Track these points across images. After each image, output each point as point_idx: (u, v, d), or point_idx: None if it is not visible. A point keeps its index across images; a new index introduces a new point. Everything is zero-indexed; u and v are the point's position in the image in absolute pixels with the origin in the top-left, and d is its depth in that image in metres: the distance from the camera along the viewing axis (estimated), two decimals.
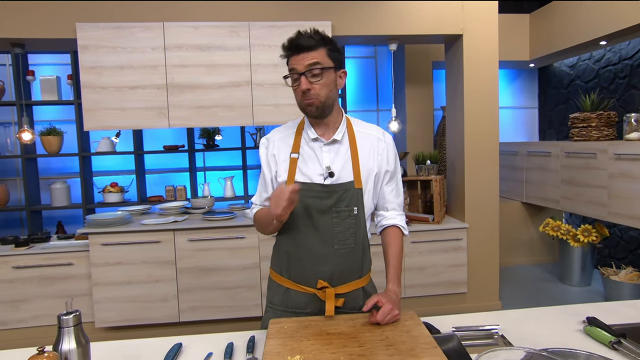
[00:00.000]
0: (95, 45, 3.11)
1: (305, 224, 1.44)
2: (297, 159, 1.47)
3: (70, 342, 1.01)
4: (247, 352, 1.25)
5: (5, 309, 3.20)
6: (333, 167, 1.44)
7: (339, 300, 1.44)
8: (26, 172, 4.05)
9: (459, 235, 3.47)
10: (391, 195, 1.55)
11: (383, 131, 1.55)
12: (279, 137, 1.53)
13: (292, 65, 1.37)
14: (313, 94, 1.37)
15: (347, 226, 1.43)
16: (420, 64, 4.36)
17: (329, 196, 1.42)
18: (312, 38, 1.36)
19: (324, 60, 1.36)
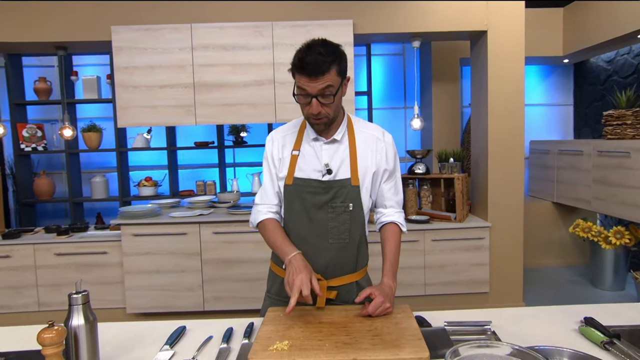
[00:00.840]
0: (128, 47, 3.29)
1: (302, 218, 1.49)
2: (298, 156, 1.51)
3: (79, 319, 1.12)
4: (244, 337, 1.33)
5: (48, 292, 3.45)
6: (331, 164, 1.49)
7: (332, 292, 1.48)
8: (69, 166, 4.33)
9: (481, 234, 3.42)
10: (390, 193, 1.58)
11: (383, 131, 1.58)
12: (282, 135, 1.57)
13: (303, 87, 1.35)
14: (323, 114, 1.39)
15: (342, 221, 1.48)
16: (448, 61, 4.31)
17: (325, 192, 1.47)
18: (324, 60, 1.32)
19: (334, 81, 1.35)
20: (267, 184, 1.58)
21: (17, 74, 4.38)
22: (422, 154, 3.65)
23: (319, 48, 1.33)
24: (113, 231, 3.55)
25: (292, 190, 1.50)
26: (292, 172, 1.51)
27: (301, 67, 1.33)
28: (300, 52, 1.35)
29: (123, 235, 3.33)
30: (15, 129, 4.30)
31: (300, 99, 1.39)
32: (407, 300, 3.44)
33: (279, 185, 1.55)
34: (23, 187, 4.40)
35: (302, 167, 1.50)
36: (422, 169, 3.60)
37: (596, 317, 1.37)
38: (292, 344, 1.18)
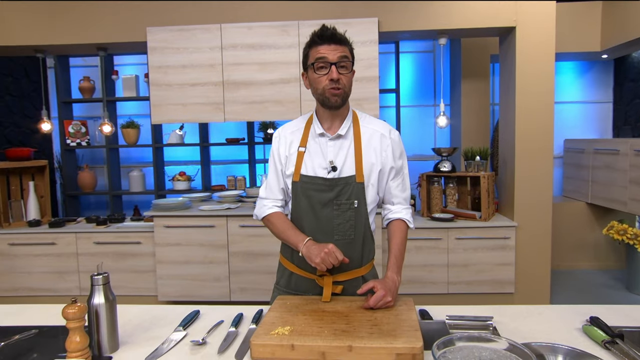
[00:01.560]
0: (162, 47, 3.45)
1: (308, 214, 1.53)
2: (304, 153, 1.54)
3: (100, 297, 1.23)
4: (252, 322, 1.41)
5: (88, 278, 3.68)
6: (336, 161, 1.51)
7: (337, 287, 1.51)
8: (109, 160, 4.58)
9: (507, 233, 3.37)
10: (397, 190, 1.59)
11: (390, 128, 1.59)
12: (290, 131, 1.60)
13: (323, 54, 1.42)
14: (342, 84, 1.43)
15: (347, 218, 1.51)
16: (478, 57, 4.24)
17: (330, 189, 1.50)
18: (341, 35, 1.45)
19: (350, 55, 1.46)
20: (272, 179, 1.61)
21: (65, 74, 4.67)
22: (448, 152, 3.62)
23: (333, 28, 1.46)
24: (147, 222, 3.74)
25: (298, 187, 1.53)
26: (299, 169, 1.54)
27: (321, 35, 1.43)
28: (318, 30, 1.46)
29: (155, 226, 3.50)
30: (62, 126, 4.59)
31: (319, 70, 1.43)
32: (430, 298, 3.44)
33: (286, 181, 1.59)
34: (68, 180, 4.69)
35: (308, 164, 1.53)
36: (447, 166, 3.58)
37: (605, 317, 1.36)
38: (293, 329, 1.24)
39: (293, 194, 1.56)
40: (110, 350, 1.24)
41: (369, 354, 1.14)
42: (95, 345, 1.22)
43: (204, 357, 1.21)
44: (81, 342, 1.14)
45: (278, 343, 1.16)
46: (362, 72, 3.34)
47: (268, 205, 1.62)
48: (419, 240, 3.42)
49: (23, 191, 4.04)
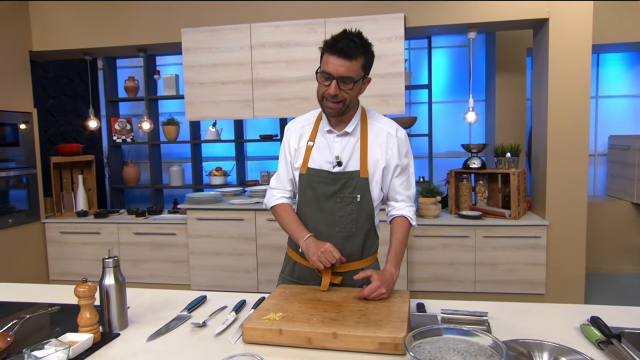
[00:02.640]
0: (195, 47, 3.61)
1: (313, 206, 1.59)
2: (312, 147, 1.60)
3: (111, 279, 1.34)
4: (252, 308, 1.48)
5: (129, 266, 3.93)
6: (342, 156, 1.56)
7: (336, 278, 1.56)
8: (151, 156, 4.84)
9: (538, 232, 3.26)
10: (401, 188, 1.61)
11: (397, 127, 1.61)
12: (300, 125, 1.65)
13: (328, 68, 1.43)
14: (339, 98, 1.46)
15: (349, 211, 1.56)
16: (513, 51, 4.11)
17: (334, 182, 1.55)
18: (356, 46, 1.41)
19: (357, 73, 1.44)
20: (282, 170, 1.68)
21: (112, 75, 4.97)
22: (477, 148, 3.55)
23: (354, 37, 1.43)
24: (181, 215, 3.93)
25: (305, 179, 1.60)
26: (306, 162, 1.60)
27: (333, 45, 1.42)
28: (336, 35, 1.45)
29: (188, 218, 3.68)
30: (109, 123, 4.89)
31: (322, 79, 1.46)
32: (456, 296, 3.39)
33: (294, 173, 1.65)
34: (114, 174, 5.00)
35: (315, 158, 1.58)
36: (477, 163, 3.51)
37: (611, 317, 1.32)
38: (284, 315, 1.30)
39: (300, 185, 1.63)
40: (120, 327, 1.35)
41: (352, 341, 1.18)
42: (106, 322, 1.34)
43: (202, 339, 1.29)
44: (91, 318, 1.26)
45: (267, 327, 1.23)
46: (388, 68, 3.33)
47: (277, 195, 1.69)
48: (445, 237, 3.38)
49: (73, 184, 4.36)
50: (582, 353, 1.11)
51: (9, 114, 3.78)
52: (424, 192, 3.57)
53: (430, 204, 3.47)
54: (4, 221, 3.72)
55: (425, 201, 3.49)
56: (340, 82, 1.43)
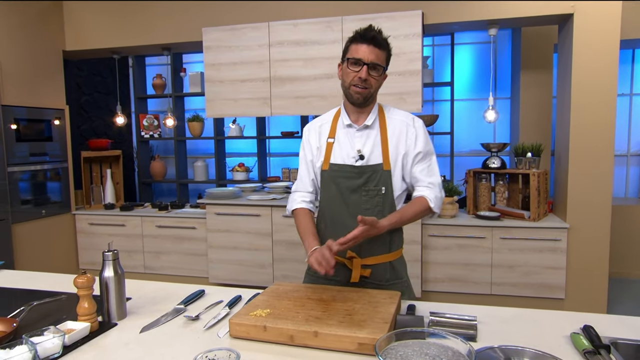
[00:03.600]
0: (216, 46, 3.69)
1: (337, 201, 1.62)
2: (333, 143, 1.64)
3: (110, 271, 1.41)
4: (246, 304, 1.52)
5: (152, 258, 4.08)
6: (364, 150, 1.60)
7: (366, 270, 1.60)
8: (177, 151, 4.99)
9: (558, 235, 3.16)
10: (422, 175, 1.62)
11: (413, 117, 1.65)
12: (319, 124, 1.70)
13: (358, 55, 1.51)
14: (368, 84, 1.53)
15: (375, 204, 1.59)
16: (539, 47, 3.97)
17: (359, 176, 1.59)
18: (384, 39, 1.53)
19: (383, 63, 1.54)
20: (302, 171, 1.73)
21: (141, 72, 5.14)
22: (497, 148, 3.47)
23: (378, 31, 1.54)
24: (202, 210, 4.03)
25: (327, 175, 1.63)
26: (328, 158, 1.63)
27: (364, 34, 1.51)
28: (363, 29, 1.53)
29: (208, 213, 3.78)
30: (138, 119, 5.07)
31: (352, 66, 1.52)
32: (471, 298, 3.34)
33: (315, 172, 1.69)
34: (142, 169, 5.18)
35: (337, 154, 1.62)
36: (496, 163, 3.43)
37: (606, 328, 1.29)
38: (271, 312, 1.33)
39: (322, 182, 1.66)
40: (118, 317, 1.42)
41: (332, 340, 1.20)
42: (105, 313, 1.41)
43: (192, 331, 1.34)
44: (89, 308, 1.33)
45: (252, 324, 1.26)
46: (405, 65, 3.30)
47: (297, 200, 1.72)
48: (461, 238, 3.33)
49: (102, 178, 4.56)
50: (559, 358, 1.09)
51: (44, 110, 3.99)
52: None
53: (447, 203, 3.42)
54: (38, 212, 3.94)
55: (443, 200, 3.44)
56: (370, 68, 1.51)
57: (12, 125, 3.69)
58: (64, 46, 4.15)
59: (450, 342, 1.06)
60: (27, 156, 3.83)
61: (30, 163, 3.87)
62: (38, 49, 3.92)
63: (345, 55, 1.57)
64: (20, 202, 3.78)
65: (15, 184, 3.72)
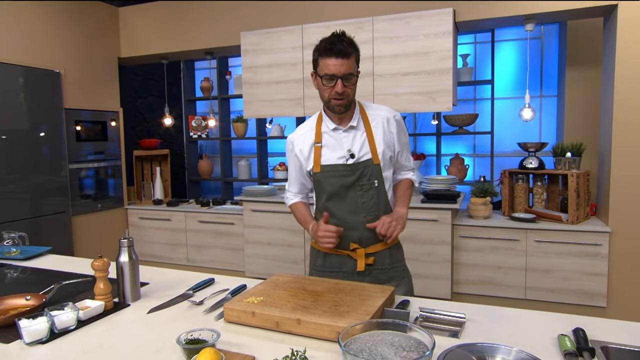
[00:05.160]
0: (253, 49, 3.85)
1: (334, 198, 1.72)
2: (321, 147, 1.73)
3: (125, 257, 1.56)
4: None
5: (194, 251, 4.32)
6: (353, 149, 1.69)
7: (369, 258, 1.72)
8: (222, 151, 5.23)
9: (598, 239, 2.98)
10: (405, 162, 1.83)
11: (393, 111, 1.78)
12: (301, 133, 1.80)
13: (330, 70, 1.57)
14: (345, 95, 1.61)
15: (370, 197, 1.70)
16: (587, 42, 3.75)
17: (352, 173, 1.69)
18: (348, 45, 1.58)
19: (354, 68, 1.62)
20: (291, 174, 1.88)
21: (191, 76, 5.45)
22: (535, 147, 3.33)
23: (343, 37, 1.59)
24: (240, 206, 4.21)
25: (321, 176, 1.73)
26: (319, 161, 1.72)
27: (330, 49, 1.56)
28: (326, 40, 1.59)
29: (244, 210, 3.94)
30: (187, 120, 5.37)
31: (327, 82, 1.60)
32: (505, 302, 3.23)
33: (305, 176, 1.82)
34: (191, 167, 5.48)
35: (327, 155, 1.71)
36: (534, 163, 3.30)
37: (603, 331, 1.25)
38: (263, 300, 1.41)
39: (316, 183, 1.76)
40: (132, 299, 1.56)
41: (313, 328, 1.26)
42: (120, 294, 1.56)
43: (193, 314, 1.45)
44: (104, 289, 1.48)
45: (243, 309, 1.35)
46: (435, 64, 3.26)
47: (290, 196, 1.93)
48: (494, 240, 3.24)
49: (152, 175, 4.88)
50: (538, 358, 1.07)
51: (101, 113, 4.35)
52: (476, 192, 3.44)
53: (480, 204, 3.34)
54: (94, 206, 4.31)
55: (476, 201, 3.37)
56: (344, 80, 1.59)
57: (76, 127, 4.07)
58: (119, 53, 4.50)
59: (417, 334, 1.09)
60: (85, 155, 4.20)
61: (89, 161, 4.24)
62: (96, 57, 4.29)
63: (316, 68, 1.64)
64: (80, 196, 4.16)
65: (75, 180, 4.10)
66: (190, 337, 1.16)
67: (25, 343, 1.22)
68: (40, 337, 1.24)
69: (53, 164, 3.86)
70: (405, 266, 1.85)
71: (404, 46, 3.33)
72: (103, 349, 1.21)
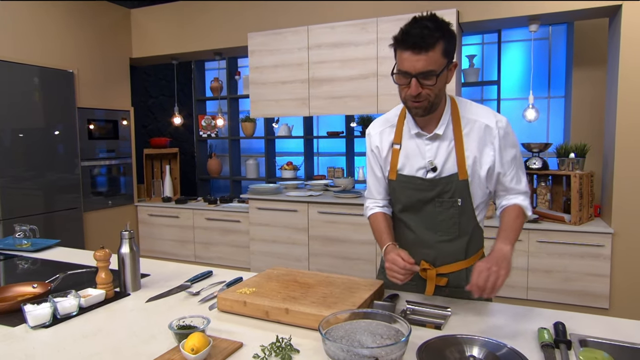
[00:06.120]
0: (259, 50, 3.92)
1: (410, 210, 1.51)
2: (399, 150, 1.48)
3: (126, 248, 1.62)
4: None
5: (202, 248, 4.40)
6: (436, 160, 1.43)
7: (441, 279, 1.50)
8: (231, 150, 5.31)
9: (601, 241, 2.98)
10: (512, 184, 1.46)
11: (495, 115, 1.42)
12: (380, 129, 1.54)
13: (404, 67, 1.28)
14: (423, 96, 1.30)
15: (450, 216, 1.45)
16: (593, 43, 3.73)
17: (431, 189, 1.44)
18: (430, 33, 1.23)
19: (439, 63, 1.26)
20: (370, 180, 1.61)
21: (201, 76, 5.54)
22: (539, 148, 3.34)
23: (427, 22, 1.26)
24: (246, 204, 4.28)
25: (396, 185, 1.51)
26: (395, 167, 1.49)
27: (404, 39, 1.26)
28: (406, 25, 1.28)
29: (250, 208, 4.01)
30: (196, 120, 5.47)
31: (400, 79, 1.30)
32: (506, 301, 3.23)
33: (381, 180, 1.58)
34: (200, 166, 5.58)
35: (405, 164, 1.48)
36: (537, 164, 3.30)
37: (583, 326, 1.28)
38: (255, 291, 1.46)
39: (392, 191, 1.55)
40: (132, 289, 1.63)
41: (300, 317, 1.31)
42: (121, 284, 1.63)
43: (189, 304, 1.51)
44: (106, 278, 1.55)
45: (235, 299, 1.41)
46: None
47: (370, 206, 1.64)
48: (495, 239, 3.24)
49: (162, 173, 4.99)
50: (516, 350, 1.11)
51: (112, 112, 4.47)
52: None
53: None
54: (105, 202, 4.42)
55: None
56: (420, 78, 1.27)
57: (89, 126, 4.18)
58: (130, 54, 4.61)
59: (398, 324, 1.13)
60: (97, 152, 4.32)
61: (100, 159, 4.36)
62: (109, 57, 4.41)
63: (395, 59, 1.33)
64: (91, 193, 4.27)
65: (87, 177, 4.21)
66: (182, 323, 1.22)
67: (30, 327, 1.30)
68: (43, 322, 1.31)
69: (67, 162, 3.98)
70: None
71: None
72: (102, 333, 1.28)
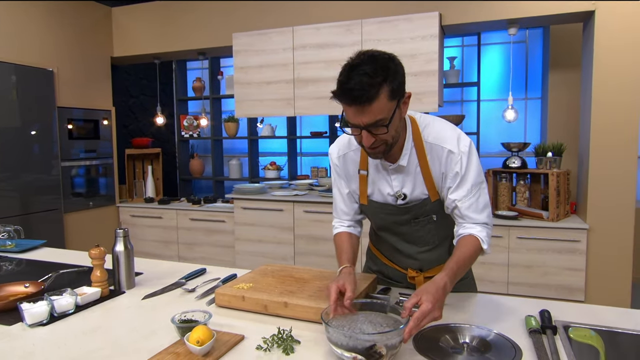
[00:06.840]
0: (244, 50, 3.93)
1: (387, 230, 1.53)
2: (367, 176, 1.45)
3: (121, 246, 1.63)
4: None
5: (185, 249, 4.38)
6: (404, 190, 1.41)
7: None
8: (214, 150, 5.29)
9: (577, 236, 3.11)
10: (469, 212, 1.34)
11: (458, 138, 1.34)
12: (343, 153, 1.49)
13: (352, 120, 1.18)
14: (379, 141, 1.23)
15: (428, 230, 1.48)
16: (568, 46, 3.89)
17: (405, 212, 1.44)
18: (370, 81, 1.12)
19: (386, 110, 1.16)
20: (336, 198, 1.57)
21: (183, 76, 5.50)
22: (518, 147, 3.45)
23: (365, 67, 1.13)
24: (231, 204, 4.28)
25: (368, 210, 1.50)
26: (365, 193, 1.47)
27: (344, 94, 1.15)
28: (343, 75, 1.16)
29: (235, 208, 4.01)
30: (178, 120, 5.43)
31: (352, 129, 1.22)
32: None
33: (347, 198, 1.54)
34: (182, 166, 5.53)
35: (374, 190, 1.46)
36: (516, 162, 3.42)
37: (566, 314, 1.35)
38: (253, 286, 1.49)
39: (365, 213, 1.55)
40: (127, 287, 1.63)
41: (299, 310, 1.34)
42: (116, 282, 1.63)
43: (186, 300, 1.53)
44: (101, 276, 1.55)
45: (233, 294, 1.43)
46: (422, 66, 3.37)
47: (336, 225, 1.60)
48: None
49: (144, 174, 4.93)
50: (504, 335, 1.17)
51: (93, 111, 4.40)
52: None
53: None
54: (86, 203, 4.34)
55: None
56: (371, 129, 1.19)
57: (68, 125, 4.11)
58: (112, 53, 4.55)
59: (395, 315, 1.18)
60: (77, 153, 4.25)
61: (81, 159, 4.28)
62: (89, 56, 4.34)
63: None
64: (72, 194, 4.19)
65: (67, 177, 4.13)
66: (184, 318, 1.24)
67: (27, 325, 1.29)
68: (40, 320, 1.31)
69: (45, 162, 3.90)
70: (472, 279, 1.63)
71: (392, 48, 3.37)
72: (101, 330, 1.28)
